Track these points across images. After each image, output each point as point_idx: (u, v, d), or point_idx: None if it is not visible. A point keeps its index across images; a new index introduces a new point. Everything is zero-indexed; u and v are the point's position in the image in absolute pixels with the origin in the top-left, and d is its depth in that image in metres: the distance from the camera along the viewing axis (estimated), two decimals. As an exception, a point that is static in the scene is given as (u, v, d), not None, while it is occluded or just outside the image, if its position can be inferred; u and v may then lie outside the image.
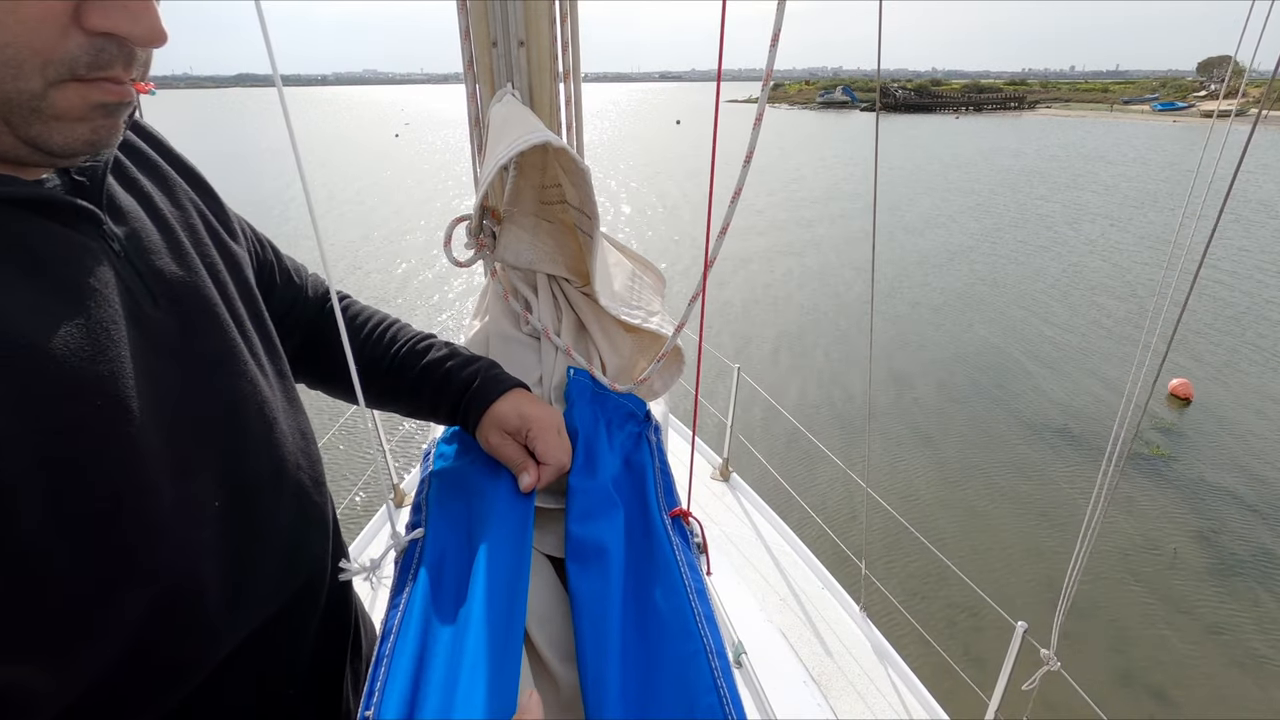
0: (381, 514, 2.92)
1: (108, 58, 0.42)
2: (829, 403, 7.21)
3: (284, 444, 0.63)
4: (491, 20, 1.01)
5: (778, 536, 3.03)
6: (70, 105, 0.42)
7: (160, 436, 0.49)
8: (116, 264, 0.49)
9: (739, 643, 2.18)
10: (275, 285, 0.80)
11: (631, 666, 0.59)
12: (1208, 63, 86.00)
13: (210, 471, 0.53)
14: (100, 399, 0.44)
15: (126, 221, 0.53)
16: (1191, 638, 4.25)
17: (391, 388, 0.84)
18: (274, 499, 0.60)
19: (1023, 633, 2.01)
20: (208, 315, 0.57)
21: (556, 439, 0.79)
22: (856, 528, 4.68)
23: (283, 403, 0.65)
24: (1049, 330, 9.17)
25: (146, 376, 0.49)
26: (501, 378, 0.84)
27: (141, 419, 0.47)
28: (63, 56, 0.40)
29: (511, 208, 1.06)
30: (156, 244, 0.55)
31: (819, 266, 12.25)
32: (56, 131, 0.42)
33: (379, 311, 0.91)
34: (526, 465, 0.77)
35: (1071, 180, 22.24)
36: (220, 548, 0.54)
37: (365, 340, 0.85)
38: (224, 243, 0.65)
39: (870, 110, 68.58)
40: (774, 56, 0.62)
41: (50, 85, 0.40)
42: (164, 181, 0.62)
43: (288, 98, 0.60)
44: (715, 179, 0.83)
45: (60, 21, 0.39)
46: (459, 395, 0.82)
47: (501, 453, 0.79)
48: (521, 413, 0.79)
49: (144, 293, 0.51)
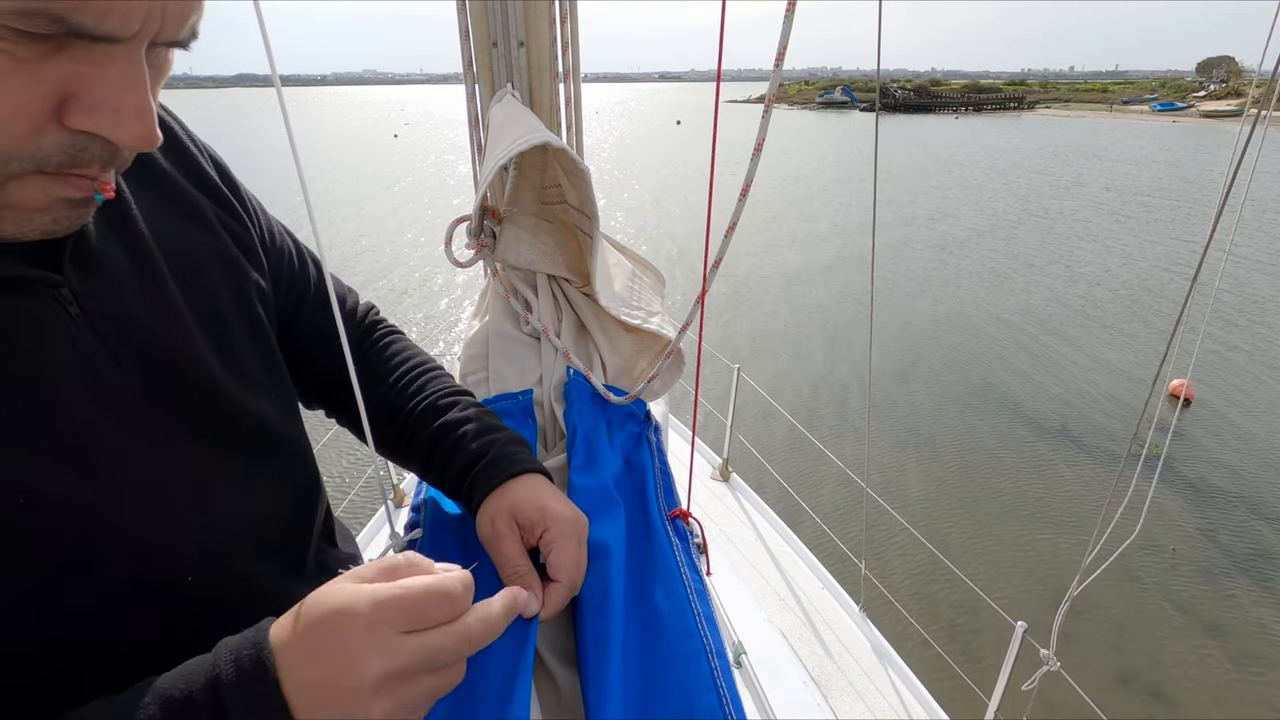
0: (381, 514, 2.92)
1: (87, 157, 0.38)
2: (829, 403, 7.21)
3: (258, 505, 0.58)
4: (491, 21, 1.01)
5: (778, 536, 3.03)
6: (30, 197, 0.38)
7: (108, 516, 0.46)
8: (72, 329, 0.45)
9: (739, 643, 2.18)
10: (304, 307, 0.73)
11: (631, 666, 0.59)
12: (1207, 63, 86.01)
13: (169, 547, 0.50)
14: (23, 495, 0.41)
15: (95, 271, 0.48)
16: (1191, 638, 4.25)
17: (405, 445, 0.74)
18: (245, 561, 0.56)
19: (1022, 633, 2.01)
20: (179, 372, 0.52)
21: (577, 551, 0.63)
22: (856, 528, 4.68)
23: (269, 457, 0.60)
24: (1050, 330, 9.17)
25: (99, 452, 0.46)
26: (519, 456, 0.69)
27: (79, 504, 0.44)
28: (31, 153, 0.36)
29: (512, 208, 1.06)
30: (130, 293, 0.50)
31: (819, 265, 12.25)
32: (8, 220, 0.38)
33: (420, 354, 0.81)
34: (530, 580, 0.60)
35: (1075, 179, 22.26)
36: (184, 626, 0.50)
37: (393, 385, 0.76)
38: (233, 265, 0.60)
39: (870, 110, 68.58)
40: (778, 76, 0.62)
41: (10, 178, 0.36)
42: (167, 195, 0.56)
43: (287, 98, 0.60)
44: (715, 179, 0.83)
45: (35, 121, 0.35)
46: (466, 468, 0.69)
47: (500, 548, 0.63)
48: (543, 506, 0.64)
49: (105, 356, 0.47)
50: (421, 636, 0.42)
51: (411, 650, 0.41)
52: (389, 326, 0.84)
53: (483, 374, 0.99)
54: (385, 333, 0.83)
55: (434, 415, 0.72)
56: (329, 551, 0.72)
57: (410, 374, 0.77)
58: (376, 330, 0.82)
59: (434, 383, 0.76)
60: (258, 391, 0.59)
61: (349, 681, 0.39)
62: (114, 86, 0.36)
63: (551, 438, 0.93)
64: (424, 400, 0.74)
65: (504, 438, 0.71)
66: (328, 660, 0.39)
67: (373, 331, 0.82)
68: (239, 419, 0.57)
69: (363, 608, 0.41)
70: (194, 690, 0.39)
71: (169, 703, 0.38)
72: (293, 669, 0.39)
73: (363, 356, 0.79)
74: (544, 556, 0.62)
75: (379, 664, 0.40)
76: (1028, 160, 27.87)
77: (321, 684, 0.39)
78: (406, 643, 0.41)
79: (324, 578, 0.62)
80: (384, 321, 0.85)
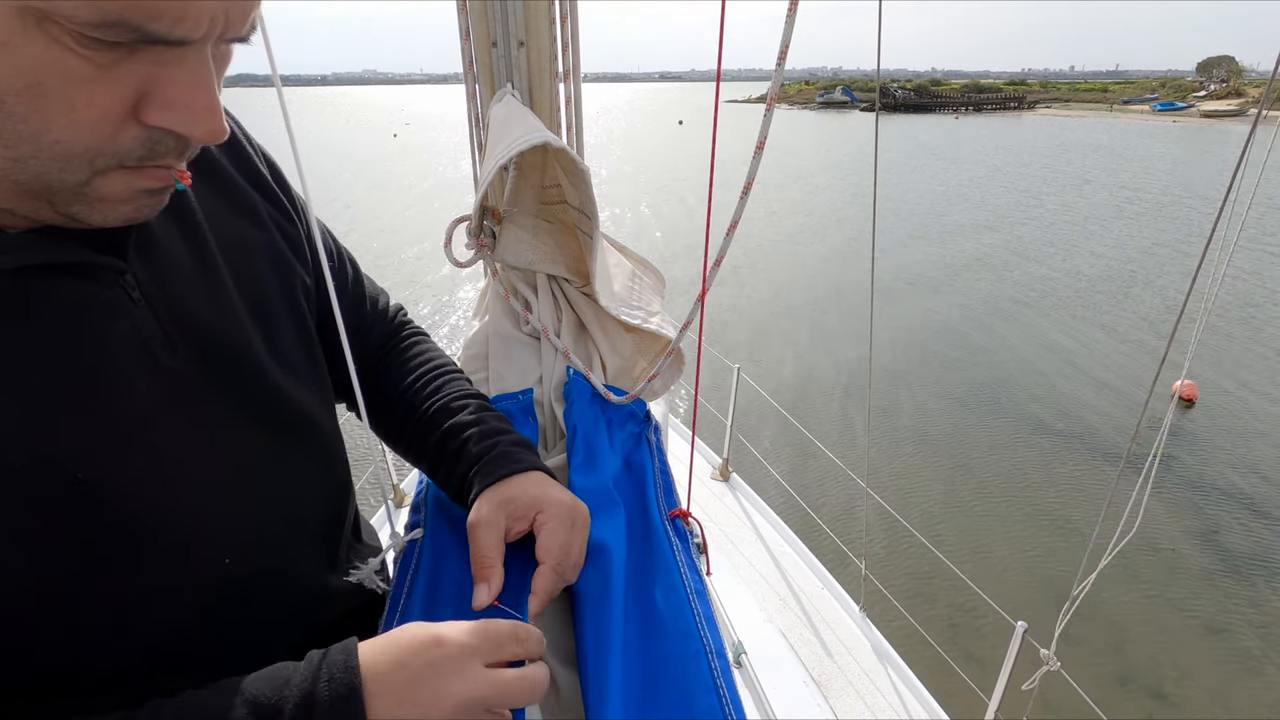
0: (381, 514, 2.92)
1: (163, 150, 0.40)
2: (829, 402, 7.21)
3: (298, 495, 0.60)
4: (491, 21, 1.01)
5: (778, 536, 3.03)
6: (114, 190, 0.40)
7: (158, 496, 0.47)
8: (134, 314, 0.47)
9: (739, 643, 2.18)
10: (340, 303, 0.75)
11: (631, 667, 0.59)
12: (1207, 63, 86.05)
13: (213, 531, 0.51)
14: (80, 469, 0.43)
15: (156, 259, 0.50)
16: (1191, 638, 4.25)
17: (417, 445, 0.75)
18: (282, 549, 0.58)
19: (1023, 633, 2.01)
20: (232, 361, 0.54)
21: (567, 534, 0.62)
22: (856, 528, 4.68)
23: (311, 449, 0.62)
24: (1050, 330, 9.17)
25: (156, 432, 0.47)
26: (521, 456, 0.68)
27: (129, 482, 0.45)
28: (114, 150, 0.38)
29: (512, 208, 1.06)
30: (188, 283, 0.52)
31: (819, 264, 12.25)
32: (97, 211, 0.41)
33: (440, 356, 0.82)
34: (492, 574, 0.59)
35: (1078, 178, 22.25)
36: (223, 605, 0.52)
37: (409, 385, 0.77)
38: (282, 262, 0.62)
39: (870, 110, 68.60)
40: (780, 76, 0.62)
41: (96, 173, 0.39)
42: (225, 191, 0.58)
43: (287, 98, 0.60)
44: (715, 180, 0.83)
45: (116, 119, 0.37)
46: (468, 468, 0.68)
47: (476, 535, 0.61)
48: (538, 494, 0.63)
49: (163, 342, 0.49)
50: (499, 672, 0.47)
51: (490, 682, 0.46)
52: (415, 329, 0.86)
53: (483, 374, 0.99)
54: (411, 334, 0.85)
55: (444, 417, 0.73)
56: (354, 545, 0.73)
57: (426, 375, 0.78)
58: (404, 331, 0.85)
59: (449, 385, 0.77)
60: (302, 384, 0.61)
61: (432, 704, 0.44)
62: (186, 86, 0.38)
63: (551, 438, 0.93)
64: (437, 402, 0.75)
65: (509, 439, 0.70)
66: (417, 685, 0.44)
67: (400, 332, 0.84)
68: (285, 410, 0.59)
69: (457, 635, 0.47)
70: (283, 703, 0.42)
71: (257, 708, 0.41)
72: (381, 692, 0.43)
73: (387, 354, 0.81)
74: (535, 536, 0.62)
75: (463, 689, 0.45)
76: (1027, 159, 27.87)
77: (406, 703, 0.43)
78: (487, 674, 0.46)
79: (353, 570, 0.65)
80: (411, 323, 0.87)
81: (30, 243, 0.42)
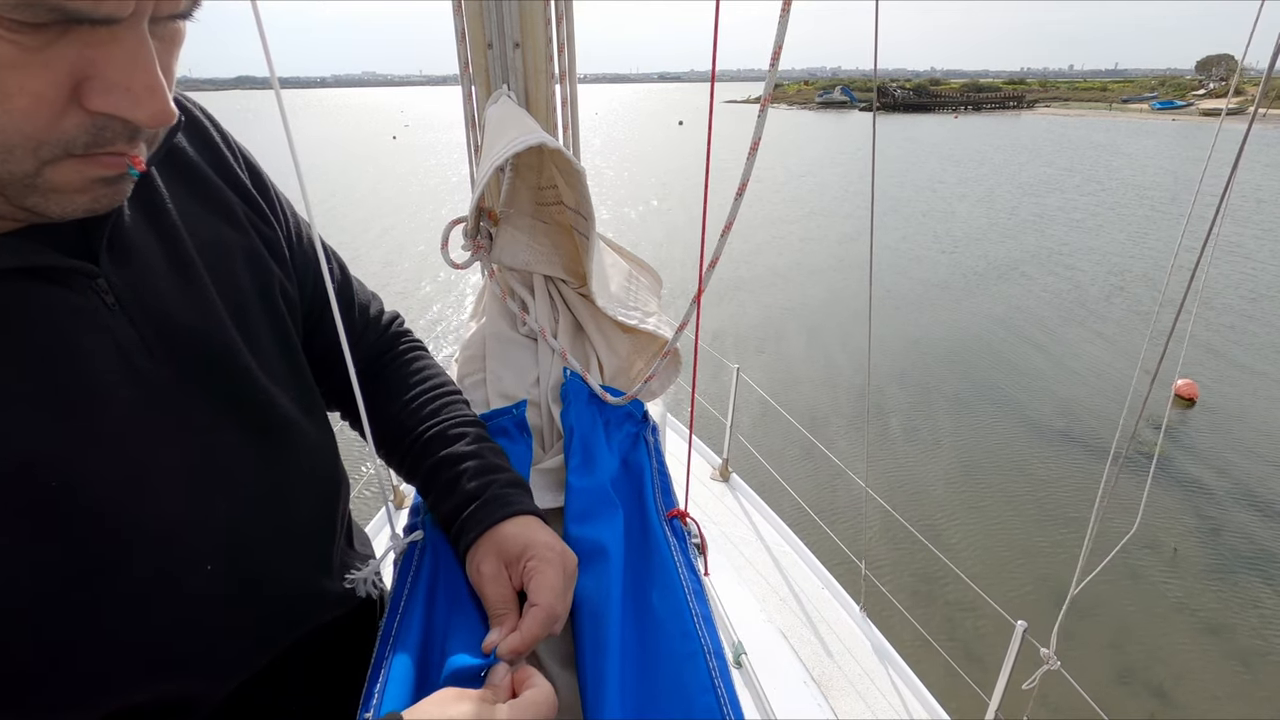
0: (381, 516, 2.92)
1: (109, 135, 0.39)
2: (828, 402, 7.21)
3: (282, 498, 0.60)
4: (487, 22, 1.01)
5: (777, 536, 3.03)
6: (67, 180, 0.39)
7: (136, 503, 0.47)
8: (109, 320, 0.47)
9: (739, 643, 2.18)
10: (329, 309, 0.71)
11: (629, 668, 0.59)
12: (1206, 61, 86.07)
13: (192, 537, 0.51)
14: (56, 477, 0.42)
15: (131, 262, 0.49)
16: (1191, 637, 4.24)
17: (410, 466, 0.74)
18: (267, 553, 0.58)
19: (1023, 632, 2.01)
20: (214, 363, 0.54)
21: (558, 578, 0.61)
22: (856, 528, 4.68)
23: (295, 452, 0.62)
24: (1051, 330, 9.16)
25: (133, 438, 0.47)
26: (512, 498, 0.67)
27: (106, 489, 0.45)
28: (57, 138, 0.37)
29: (508, 209, 1.06)
30: (165, 285, 0.51)
31: (818, 264, 12.25)
32: (54, 203, 0.40)
33: (440, 374, 0.81)
34: (508, 622, 0.59)
35: (1078, 177, 22.25)
36: (205, 612, 0.52)
37: (407, 404, 0.76)
38: (259, 263, 0.61)
39: (869, 110, 68.58)
40: (774, 76, 0.62)
41: (44, 164, 0.38)
42: (200, 192, 0.57)
43: (286, 100, 0.60)
44: (711, 180, 0.83)
45: (54, 107, 0.36)
46: (459, 508, 0.67)
47: (485, 592, 0.62)
48: (528, 539, 0.63)
49: (139, 346, 0.48)
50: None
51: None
52: (413, 340, 0.84)
53: (480, 375, 0.99)
54: (409, 347, 0.83)
55: (440, 445, 0.72)
56: (347, 551, 0.73)
57: (424, 396, 0.76)
58: (401, 343, 0.83)
59: (447, 409, 0.75)
60: (281, 386, 0.60)
61: None
62: (123, 67, 0.37)
63: (549, 439, 0.93)
64: (434, 427, 0.73)
65: (502, 479, 0.69)
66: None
67: (397, 343, 0.82)
68: (268, 413, 0.58)
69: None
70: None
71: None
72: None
73: (384, 367, 0.79)
74: (525, 584, 0.61)
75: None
76: (1028, 158, 27.87)
77: None
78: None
79: (345, 576, 0.64)
80: (409, 334, 0.85)
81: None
